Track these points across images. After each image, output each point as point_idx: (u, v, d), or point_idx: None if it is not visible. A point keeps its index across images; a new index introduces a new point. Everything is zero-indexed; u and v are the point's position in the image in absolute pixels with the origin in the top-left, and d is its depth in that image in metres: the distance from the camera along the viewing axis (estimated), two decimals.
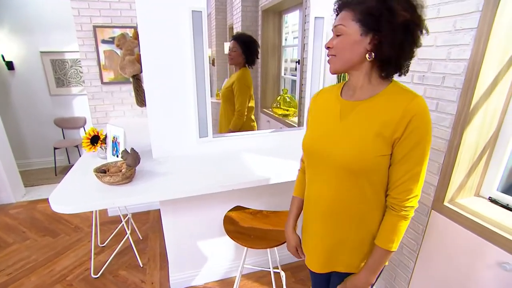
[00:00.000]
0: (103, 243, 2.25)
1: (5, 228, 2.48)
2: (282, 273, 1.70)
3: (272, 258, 2.02)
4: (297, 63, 2.73)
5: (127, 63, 1.41)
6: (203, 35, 1.44)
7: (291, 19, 2.63)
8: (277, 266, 1.67)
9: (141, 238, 2.33)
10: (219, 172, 1.46)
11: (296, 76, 2.55)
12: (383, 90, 0.77)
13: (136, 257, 2.06)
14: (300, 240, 1.06)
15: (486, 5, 1.06)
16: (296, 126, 2.32)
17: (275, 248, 1.47)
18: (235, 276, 1.96)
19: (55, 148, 3.58)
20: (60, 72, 3.53)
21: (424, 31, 0.73)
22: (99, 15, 2.21)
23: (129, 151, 1.25)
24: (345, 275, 0.93)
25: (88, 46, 2.26)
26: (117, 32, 2.27)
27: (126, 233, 2.05)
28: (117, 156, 1.45)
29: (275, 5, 2.58)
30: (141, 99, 1.51)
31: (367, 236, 0.86)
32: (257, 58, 2.25)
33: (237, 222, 1.44)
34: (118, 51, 2.32)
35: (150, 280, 1.91)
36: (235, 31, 2.80)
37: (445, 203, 1.28)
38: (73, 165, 3.76)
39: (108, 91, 2.41)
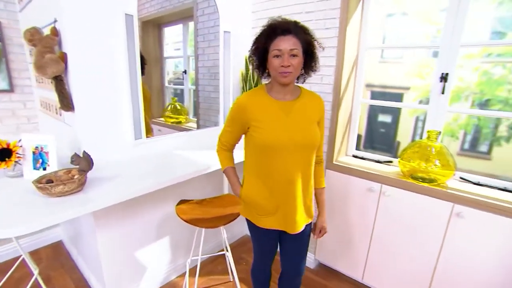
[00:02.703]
0: None
1: None
2: (227, 253, 1.89)
3: (218, 240, 2.15)
4: (184, 73, 2.96)
5: (48, 61, 1.21)
6: (135, 37, 1.48)
7: (166, 32, 2.80)
8: (223, 248, 1.86)
9: None
10: (161, 169, 1.52)
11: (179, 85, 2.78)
12: (302, 93, 1.18)
13: None
14: None
15: (339, 36, 1.74)
16: (196, 129, 2.51)
17: (223, 229, 1.67)
18: (176, 278, 1.98)
19: None
20: None
21: (322, 48, 1.17)
22: None
23: (80, 155, 1.14)
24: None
25: None
26: None
27: (32, 275, 1.63)
28: (44, 169, 1.24)
29: (155, 18, 2.70)
30: (67, 103, 1.31)
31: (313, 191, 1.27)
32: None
33: (188, 211, 1.55)
34: None
35: None
36: None
37: (334, 162, 1.92)
38: None
39: None
